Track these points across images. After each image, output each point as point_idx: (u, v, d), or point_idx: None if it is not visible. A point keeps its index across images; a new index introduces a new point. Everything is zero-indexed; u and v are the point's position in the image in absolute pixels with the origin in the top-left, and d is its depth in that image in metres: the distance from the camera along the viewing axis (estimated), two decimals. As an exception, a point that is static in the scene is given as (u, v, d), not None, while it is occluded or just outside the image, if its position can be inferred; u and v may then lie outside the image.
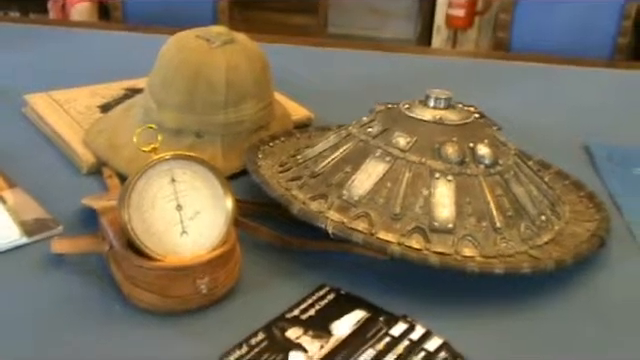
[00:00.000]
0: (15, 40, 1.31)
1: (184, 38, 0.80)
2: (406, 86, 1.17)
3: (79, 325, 0.55)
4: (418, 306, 0.59)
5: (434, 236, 0.61)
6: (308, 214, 0.62)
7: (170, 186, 0.57)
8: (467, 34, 3.56)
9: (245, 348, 0.53)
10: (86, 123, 0.87)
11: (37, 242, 0.65)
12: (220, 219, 0.58)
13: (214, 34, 0.79)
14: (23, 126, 0.92)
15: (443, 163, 0.65)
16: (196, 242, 0.57)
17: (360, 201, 0.64)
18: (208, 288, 0.56)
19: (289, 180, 0.70)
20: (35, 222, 0.66)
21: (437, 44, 3.64)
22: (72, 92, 0.97)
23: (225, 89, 0.77)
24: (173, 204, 0.57)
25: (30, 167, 0.80)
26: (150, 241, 0.55)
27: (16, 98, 0.97)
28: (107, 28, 1.53)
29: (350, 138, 0.71)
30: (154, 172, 0.56)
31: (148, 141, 0.58)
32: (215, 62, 0.77)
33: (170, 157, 0.57)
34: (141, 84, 1.01)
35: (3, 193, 0.71)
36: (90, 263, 0.62)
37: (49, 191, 0.74)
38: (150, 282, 0.55)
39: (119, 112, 0.86)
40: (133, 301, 0.57)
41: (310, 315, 0.57)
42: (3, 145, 0.84)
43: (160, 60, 0.80)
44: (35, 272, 0.62)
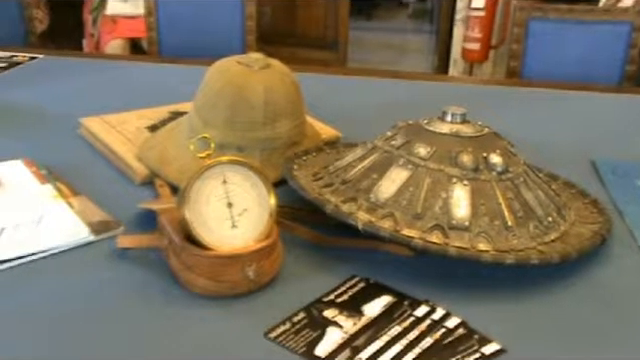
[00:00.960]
0: (67, 71, 1.43)
1: (226, 64, 0.90)
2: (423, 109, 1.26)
3: (144, 307, 0.64)
4: (437, 293, 0.66)
5: (452, 232, 0.69)
6: (340, 213, 0.71)
7: (222, 186, 0.66)
8: (482, 67, 3.67)
9: (288, 324, 0.61)
10: (137, 141, 0.97)
11: (103, 240, 0.74)
12: (264, 215, 0.67)
13: (252, 60, 0.89)
14: (79, 145, 1.02)
15: (459, 170, 0.73)
16: (244, 235, 0.66)
17: (386, 203, 0.72)
18: (255, 274, 0.64)
19: (322, 187, 0.78)
20: (100, 223, 0.75)
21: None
22: (122, 115, 1.08)
23: (263, 108, 0.87)
24: (225, 202, 0.66)
25: (89, 179, 0.89)
26: (205, 233, 0.64)
27: (71, 121, 1.07)
28: (147, 60, 1.64)
29: (375, 150, 0.80)
30: (209, 174, 0.65)
31: (201, 150, 0.67)
32: (254, 84, 0.87)
33: (222, 161, 0.66)
34: (183, 107, 1.12)
35: (70, 200, 0.80)
36: (149, 256, 0.71)
37: (108, 199, 0.83)
38: (205, 269, 0.64)
39: (166, 131, 0.95)
40: (190, 287, 0.65)
41: (344, 299, 0.65)
42: (64, 160, 0.94)
43: (205, 83, 0.90)
44: (103, 264, 0.71)
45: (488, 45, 3.41)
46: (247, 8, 1.86)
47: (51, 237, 0.71)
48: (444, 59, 3.92)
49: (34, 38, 2.14)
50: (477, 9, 3.30)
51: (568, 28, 1.59)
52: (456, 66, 3.75)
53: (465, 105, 0.79)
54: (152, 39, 1.91)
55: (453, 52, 3.73)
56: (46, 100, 1.23)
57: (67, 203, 0.79)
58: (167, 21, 1.90)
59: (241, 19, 1.87)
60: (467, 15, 3.48)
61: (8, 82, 1.34)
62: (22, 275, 0.68)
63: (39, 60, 1.51)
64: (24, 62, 1.48)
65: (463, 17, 3.59)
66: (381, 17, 6.63)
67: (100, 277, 0.69)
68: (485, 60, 3.51)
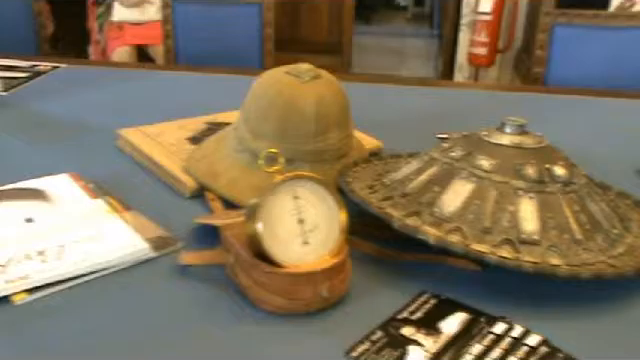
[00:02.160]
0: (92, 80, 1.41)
1: (275, 75, 0.89)
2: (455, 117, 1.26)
3: (213, 325, 0.62)
4: (510, 309, 0.65)
5: (522, 247, 0.68)
6: (409, 228, 0.69)
7: (293, 202, 0.64)
8: (488, 71, 3.67)
9: (367, 344, 0.59)
10: (179, 153, 0.95)
11: (162, 256, 0.73)
12: (335, 231, 0.66)
13: (302, 70, 0.88)
14: (119, 157, 1.01)
15: (524, 182, 0.72)
16: (316, 252, 0.64)
17: (452, 217, 0.71)
18: (328, 292, 0.63)
19: (381, 200, 0.77)
20: (159, 239, 0.74)
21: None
22: (160, 126, 1.06)
23: (315, 120, 0.85)
24: (296, 218, 0.64)
25: (135, 192, 0.88)
26: (277, 250, 0.63)
27: (107, 132, 1.06)
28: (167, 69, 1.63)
29: (434, 162, 0.79)
30: (280, 190, 0.64)
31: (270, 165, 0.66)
32: (305, 96, 0.86)
33: (293, 177, 0.65)
34: (220, 118, 1.11)
35: (123, 214, 0.79)
36: (211, 272, 0.70)
37: (158, 213, 0.81)
38: (278, 287, 0.63)
39: (212, 143, 0.94)
40: (261, 304, 0.64)
41: (418, 317, 0.64)
42: (107, 173, 0.93)
43: (253, 94, 0.89)
44: (165, 281, 0.69)
45: (495, 49, 3.41)
46: (265, 15, 1.85)
47: (112, 254, 0.70)
48: (449, 64, 3.92)
49: (47, 46, 2.13)
50: (484, 13, 3.30)
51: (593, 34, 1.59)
52: (461, 71, 3.75)
53: (496, 113, 0.78)
54: (168, 47, 1.89)
55: (458, 57, 3.74)
56: (77, 111, 1.22)
57: (121, 218, 0.78)
58: (183, 29, 1.89)
59: (259, 26, 1.86)
60: (473, 19, 3.48)
61: (36, 92, 1.32)
62: (85, 293, 0.66)
63: (62, 69, 1.49)
64: (47, 71, 1.46)
65: (469, 21, 3.59)
66: (380, 21, 6.64)
67: (164, 294, 0.67)
68: (492, 65, 3.52)
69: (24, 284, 0.64)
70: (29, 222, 0.76)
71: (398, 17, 6.93)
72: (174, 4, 1.84)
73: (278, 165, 0.66)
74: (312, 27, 4.03)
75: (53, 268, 0.67)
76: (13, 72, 1.42)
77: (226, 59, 1.81)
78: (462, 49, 3.69)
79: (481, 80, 3.63)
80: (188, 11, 1.87)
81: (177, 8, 1.85)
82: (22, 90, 1.33)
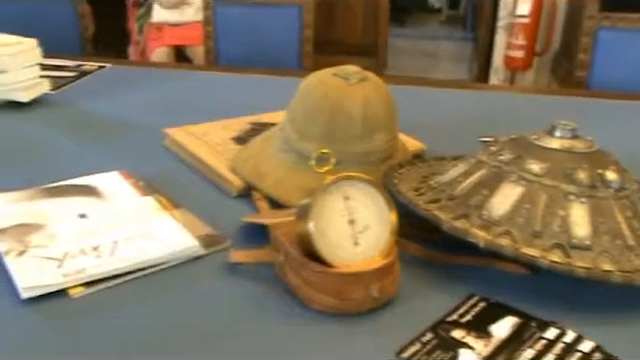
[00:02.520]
0: (137, 80, 1.44)
1: (323, 76, 0.89)
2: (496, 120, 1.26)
3: (262, 323, 0.63)
4: (560, 314, 0.65)
5: (573, 252, 0.67)
6: (458, 231, 0.69)
7: (344, 203, 0.65)
8: (525, 75, 3.63)
9: (418, 345, 0.60)
10: (225, 153, 0.97)
11: (211, 254, 0.74)
12: (385, 232, 0.66)
13: (349, 73, 0.89)
14: (165, 155, 1.03)
15: (576, 187, 0.71)
16: (366, 252, 0.65)
17: (501, 220, 0.71)
18: (378, 293, 0.63)
19: (428, 202, 0.77)
20: (208, 237, 0.75)
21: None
22: (205, 126, 1.08)
23: (362, 122, 0.86)
24: (346, 219, 0.65)
25: (183, 190, 0.89)
26: (328, 250, 0.63)
27: (153, 131, 1.08)
28: (208, 69, 1.65)
29: (482, 165, 0.78)
30: (331, 191, 0.64)
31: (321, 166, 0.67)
32: (353, 97, 0.86)
33: (344, 178, 0.65)
34: (264, 119, 1.12)
35: (172, 212, 0.80)
36: (259, 271, 0.71)
37: (206, 211, 0.82)
38: (329, 287, 0.63)
39: (258, 143, 0.95)
40: (311, 304, 0.64)
41: (468, 319, 0.64)
42: (154, 171, 0.94)
43: (300, 95, 0.90)
44: (214, 278, 0.70)
45: (532, 52, 3.37)
46: (305, 16, 1.86)
47: (163, 251, 0.71)
48: (484, 67, 3.89)
49: (90, 47, 2.17)
50: (522, 16, 3.27)
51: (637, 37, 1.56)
52: (497, 74, 3.72)
53: (539, 118, 0.78)
54: (209, 47, 1.91)
55: (494, 60, 3.70)
56: (123, 110, 1.24)
57: (171, 216, 0.79)
58: (224, 30, 1.91)
59: (298, 28, 1.87)
60: (511, 22, 3.45)
61: (83, 91, 1.35)
62: (137, 288, 0.68)
63: (107, 69, 1.52)
64: (92, 71, 1.49)
65: (505, 24, 3.56)
66: (414, 23, 6.61)
67: (213, 292, 0.68)
68: (529, 68, 3.48)
69: (80, 278, 0.66)
70: (83, 218, 0.78)
71: (432, 19, 6.89)
72: (215, 5, 1.87)
73: (329, 166, 0.67)
74: (347, 28, 4.03)
75: (107, 263, 0.68)
76: (61, 71, 1.45)
77: (265, 60, 1.82)
78: (498, 52, 3.66)
79: (517, 83, 3.59)
80: (228, 12, 1.89)
81: (218, 9, 1.88)
82: (69, 89, 1.36)
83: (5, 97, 1.20)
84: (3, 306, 0.64)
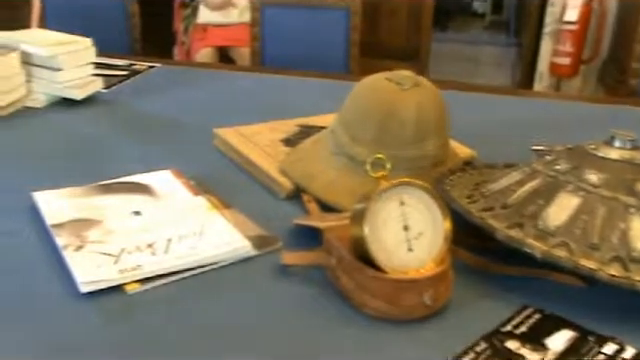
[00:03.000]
0: (188, 80, 1.46)
1: (376, 81, 0.89)
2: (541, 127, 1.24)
3: (315, 326, 0.63)
4: (618, 328, 0.63)
5: (633, 265, 0.66)
6: (513, 240, 0.68)
7: (399, 208, 0.65)
8: (571, 82, 3.56)
9: (472, 354, 0.59)
10: (275, 154, 0.97)
11: (263, 255, 0.74)
12: (439, 239, 0.65)
13: (403, 77, 0.88)
14: (215, 155, 1.04)
15: (637, 199, 0.70)
16: (419, 259, 0.64)
17: (557, 231, 0.69)
18: (431, 300, 0.63)
19: (481, 210, 0.76)
20: (259, 238, 0.76)
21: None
22: (253, 127, 1.09)
23: (414, 127, 0.85)
24: (401, 225, 0.64)
25: (232, 191, 0.90)
26: (382, 256, 0.63)
27: (203, 131, 1.09)
28: (255, 71, 1.66)
29: (537, 174, 0.77)
30: (387, 196, 0.64)
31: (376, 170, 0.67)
32: (406, 102, 0.86)
33: (400, 183, 0.65)
34: (312, 122, 1.12)
35: (223, 212, 0.81)
36: (310, 273, 0.71)
37: (256, 212, 0.83)
38: (382, 292, 0.63)
39: (309, 145, 0.95)
40: (362, 308, 0.64)
41: (523, 331, 0.62)
42: (204, 171, 0.95)
43: (353, 99, 0.90)
44: (266, 279, 0.71)
45: (579, 60, 3.31)
46: (352, 19, 1.86)
47: (216, 250, 0.72)
48: (528, 73, 3.83)
49: (138, 46, 2.21)
50: (570, 22, 3.21)
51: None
52: (542, 81, 3.66)
53: (590, 127, 0.76)
54: (255, 49, 1.93)
55: (539, 66, 3.64)
56: (173, 109, 1.26)
57: (222, 215, 0.80)
58: (270, 31, 1.92)
59: (345, 31, 1.87)
60: (557, 28, 3.39)
61: (133, 90, 1.38)
62: (189, 286, 0.69)
63: (158, 69, 1.55)
64: (143, 71, 1.51)
65: (552, 30, 3.50)
66: (456, 28, 6.55)
67: (264, 293, 0.68)
68: (575, 75, 3.41)
69: (136, 274, 0.67)
70: (137, 215, 0.79)
71: (475, 24, 6.82)
72: (263, 7, 1.88)
73: (384, 171, 0.66)
74: (390, 32, 4.02)
75: (162, 261, 0.69)
76: (112, 70, 1.48)
77: (310, 63, 1.83)
78: (543, 58, 3.60)
79: (563, 91, 3.52)
80: (276, 14, 1.91)
81: (266, 11, 1.89)
82: (121, 88, 1.39)
83: (60, 94, 1.23)
84: (61, 299, 0.65)
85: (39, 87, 1.23)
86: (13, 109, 1.19)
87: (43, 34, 1.29)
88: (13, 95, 1.17)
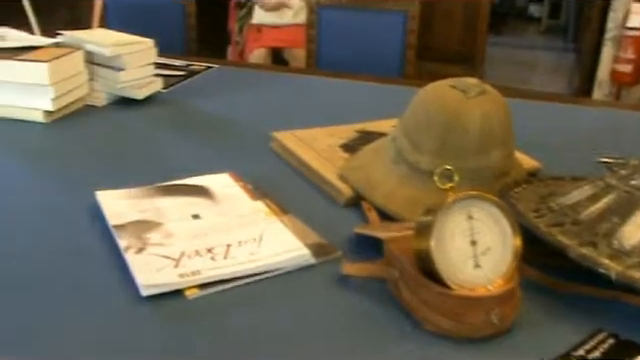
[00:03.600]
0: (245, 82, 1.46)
1: (440, 88, 0.87)
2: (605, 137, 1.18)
3: (375, 339, 0.61)
4: (700, 360, 0.59)
5: None
6: (587, 259, 0.65)
7: (467, 222, 0.62)
8: (631, 90, 3.44)
9: (542, 379, 0.56)
10: (333, 160, 0.96)
11: (321, 263, 0.73)
12: (507, 256, 0.63)
13: (468, 85, 0.86)
14: (272, 159, 1.03)
15: None
16: (487, 276, 0.62)
17: (633, 251, 0.66)
18: (498, 319, 0.60)
19: (549, 225, 0.73)
20: (318, 246, 0.74)
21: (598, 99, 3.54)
22: (312, 132, 1.07)
23: (479, 136, 0.83)
24: (468, 239, 0.62)
25: (290, 196, 0.88)
26: (448, 271, 0.61)
27: (261, 134, 1.09)
28: (311, 73, 1.65)
29: (611, 189, 0.74)
30: (454, 209, 0.62)
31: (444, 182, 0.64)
32: (471, 111, 0.83)
33: (469, 196, 0.62)
34: (370, 127, 1.11)
35: (281, 218, 0.80)
36: (370, 285, 0.69)
37: (314, 219, 0.82)
38: (447, 309, 0.61)
39: (369, 152, 0.94)
40: (426, 324, 0.62)
41: (596, 356, 0.59)
42: (261, 175, 0.94)
43: (416, 106, 0.88)
44: (324, 289, 0.69)
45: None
46: (409, 22, 1.83)
47: (275, 257, 0.71)
48: (587, 80, 3.72)
49: (195, 45, 2.23)
50: (633, 29, 3.10)
51: None
52: (601, 88, 3.55)
53: None
54: (311, 51, 1.92)
55: (600, 73, 3.53)
56: (230, 110, 1.26)
57: (281, 222, 0.79)
58: (326, 33, 1.91)
59: (402, 34, 1.85)
60: (619, 34, 3.28)
61: (192, 91, 1.39)
62: (246, 294, 0.68)
63: (215, 69, 1.55)
64: (201, 71, 1.52)
65: (614, 36, 3.39)
66: (511, 32, 6.43)
67: (322, 303, 0.67)
68: (637, 84, 3.29)
69: (196, 279, 0.66)
70: (196, 218, 0.79)
71: (530, 28, 6.68)
72: (319, 9, 1.87)
73: (451, 182, 0.64)
74: (444, 35, 3.96)
75: (221, 266, 0.69)
76: (170, 70, 1.49)
77: (365, 65, 1.81)
78: (604, 65, 3.49)
79: (623, 99, 3.41)
80: (333, 16, 1.89)
81: (322, 13, 1.88)
82: (179, 88, 1.40)
83: (121, 93, 1.25)
84: (122, 300, 0.65)
85: (101, 86, 1.25)
86: (75, 107, 1.21)
87: (106, 34, 1.31)
88: (76, 93, 1.19)
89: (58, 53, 1.15)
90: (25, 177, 0.95)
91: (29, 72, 1.11)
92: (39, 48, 1.19)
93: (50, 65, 1.10)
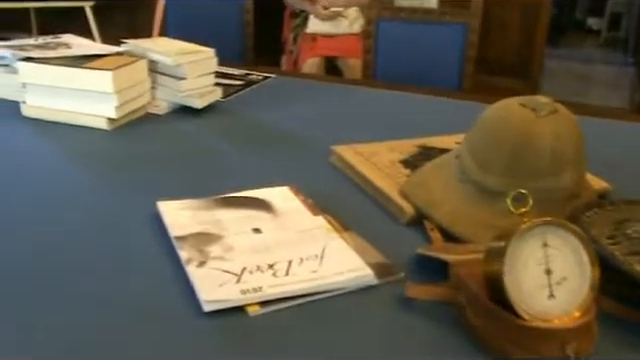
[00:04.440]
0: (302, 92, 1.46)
1: (509, 106, 0.84)
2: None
3: (442, 369, 0.59)
4: None
5: None
6: (669, 293, 0.61)
7: (542, 250, 0.59)
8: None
9: (621, 421, 0.53)
10: (395, 176, 0.94)
11: (384, 284, 0.71)
12: (584, 287, 0.60)
13: (539, 104, 0.82)
14: (332, 173, 1.02)
15: None
16: (561, 307, 0.59)
17: None
18: (574, 353, 0.57)
19: (626, 254, 0.69)
20: (381, 266, 0.72)
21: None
22: (371, 146, 1.06)
23: (550, 157, 0.79)
24: (543, 267, 0.59)
25: (350, 212, 0.87)
26: (520, 300, 0.58)
27: (319, 147, 1.08)
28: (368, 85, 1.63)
29: (693, 218, 0.69)
30: (529, 235, 0.59)
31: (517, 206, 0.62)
32: (542, 130, 0.80)
33: (544, 222, 0.60)
34: (430, 142, 1.08)
35: (343, 235, 0.78)
36: (435, 308, 0.67)
37: (375, 236, 0.80)
38: (519, 339, 0.58)
39: (431, 169, 0.91)
40: (495, 353, 0.60)
41: (679, 398, 0.56)
42: (321, 189, 0.93)
43: (483, 124, 0.85)
44: (387, 310, 0.67)
45: None
46: (469, 35, 1.80)
47: (338, 276, 0.69)
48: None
49: (250, 55, 2.25)
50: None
51: None
52: (664, 104, 3.42)
53: None
54: (368, 62, 1.91)
55: (664, 89, 3.40)
56: (289, 122, 1.25)
57: (342, 239, 0.77)
58: (384, 45, 1.89)
59: (461, 47, 1.81)
60: (686, 50, 3.15)
61: (250, 101, 1.39)
62: (306, 313, 0.66)
63: (272, 79, 1.56)
64: (258, 81, 1.52)
65: (680, 51, 3.26)
66: (568, 45, 6.28)
67: (385, 326, 0.65)
68: None
69: (258, 296, 0.65)
70: (257, 233, 0.78)
71: (589, 41, 6.51)
72: (378, 20, 1.86)
73: (526, 207, 0.61)
74: (500, 47, 3.89)
75: (283, 283, 0.68)
76: (229, 79, 1.50)
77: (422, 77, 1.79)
78: (669, 81, 3.36)
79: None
80: (391, 28, 1.88)
81: (380, 24, 1.87)
82: (238, 98, 1.40)
83: (181, 102, 1.25)
84: (182, 315, 0.65)
85: (162, 94, 1.26)
86: (137, 115, 1.22)
87: (168, 43, 1.32)
88: (139, 101, 1.21)
89: (122, 62, 1.17)
90: (88, 184, 0.96)
91: (94, 80, 1.12)
92: (104, 56, 1.21)
93: (115, 73, 1.12)
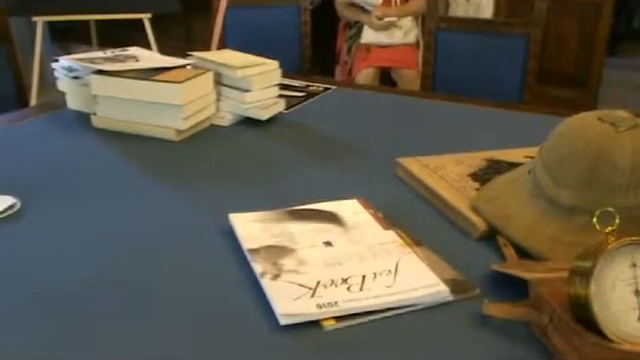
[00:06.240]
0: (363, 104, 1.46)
1: (586, 120, 0.82)
2: None
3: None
4: None
5: None
6: None
7: (630, 270, 0.58)
8: None
9: None
10: (464, 190, 0.93)
11: (459, 301, 0.70)
12: (672, 310, 0.57)
13: (618, 118, 0.80)
14: (398, 186, 1.01)
15: None
16: (651, 330, 0.57)
17: None
18: (665, 379, 0.55)
19: None
20: (455, 282, 0.71)
21: None
22: (437, 158, 1.05)
23: (630, 173, 0.77)
24: (631, 288, 0.57)
25: (420, 226, 0.86)
26: (608, 321, 0.56)
27: (384, 159, 1.08)
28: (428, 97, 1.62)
29: None
30: (617, 254, 0.58)
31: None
32: (621, 146, 0.78)
33: (632, 242, 0.58)
34: (498, 156, 1.07)
35: (415, 250, 0.78)
36: (512, 328, 0.65)
37: (446, 251, 0.79)
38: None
39: (503, 184, 0.90)
40: (580, 377, 0.58)
41: None
42: (388, 202, 0.92)
43: (559, 139, 0.83)
44: (464, 329, 0.66)
45: None
46: (532, 47, 1.77)
47: (412, 292, 0.69)
48: None
49: (307, 65, 2.26)
50: None
51: None
52: None
53: None
54: (427, 73, 1.89)
55: None
56: (352, 134, 1.25)
57: (415, 254, 0.77)
58: (444, 56, 1.88)
59: (523, 58, 1.79)
60: None
61: (312, 112, 1.39)
62: (380, 328, 0.66)
63: (333, 91, 1.56)
64: (319, 92, 1.53)
65: None
66: (626, 53, 6.10)
67: (461, 344, 0.64)
68: None
69: (334, 311, 0.65)
70: (328, 246, 0.78)
71: (648, 49, 6.31)
72: (437, 32, 1.84)
73: (613, 226, 0.60)
74: (558, 56, 3.81)
75: (358, 298, 0.67)
76: (290, 91, 1.51)
77: (482, 89, 1.77)
78: None
79: None
80: (449, 39, 1.86)
81: (440, 35, 1.85)
82: (300, 109, 1.41)
83: (246, 114, 1.27)
84: (257, 328, 0.65)
85: (227, 106, 1.28)
86: (203, 126, 1.24)
87: (233, 55, 1.34)
88: (205, 113, 1.23)
89: (190, 74, 1.19)
90: (157, 194, 0.98)
91: (164, 92, 1.15)
92: (171, 69, 1.24)
93: (183, 86, 1.14)
